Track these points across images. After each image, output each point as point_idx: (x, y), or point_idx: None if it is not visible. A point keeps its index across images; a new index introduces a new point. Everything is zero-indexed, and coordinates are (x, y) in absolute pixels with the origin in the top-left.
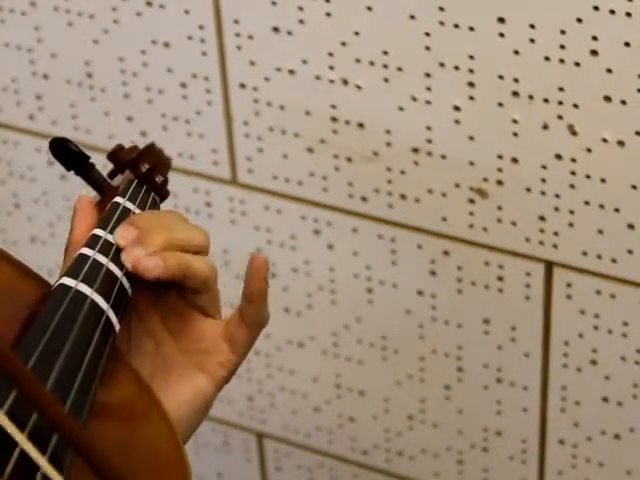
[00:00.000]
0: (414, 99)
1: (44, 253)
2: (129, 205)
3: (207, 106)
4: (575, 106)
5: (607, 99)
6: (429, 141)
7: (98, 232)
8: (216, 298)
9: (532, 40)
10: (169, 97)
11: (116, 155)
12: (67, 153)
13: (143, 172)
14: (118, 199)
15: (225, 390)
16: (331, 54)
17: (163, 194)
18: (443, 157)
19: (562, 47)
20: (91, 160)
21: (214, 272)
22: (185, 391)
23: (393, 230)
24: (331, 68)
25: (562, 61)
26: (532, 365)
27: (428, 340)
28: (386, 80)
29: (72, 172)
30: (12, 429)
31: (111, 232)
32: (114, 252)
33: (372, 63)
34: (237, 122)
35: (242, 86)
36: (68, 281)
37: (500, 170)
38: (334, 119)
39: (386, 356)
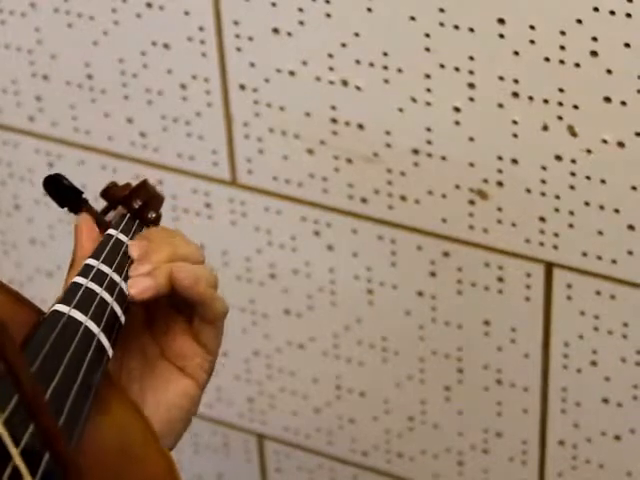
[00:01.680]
0: (414, 100)
1: (44, 255)
2: (122, 237)
3: (207, 107)
4: (575, 107)
5: (607, 100)
6: (429, 142)
7: (91, 262)
8: (210, 305)
9: (532, 41)
10: (169, 98)
11: (109, 192)
12: (60, 189)
13: (136, 209)
14: (111, 231)
15: (225, 391)
16: (331, 55)
17: None
18: (443, 158)
19: (562, 48)
20: (84, 195)
21: (204, 275)
22: (173, 395)
23: (393, 231)
24: (331, 69)
25: (562, 62)
26: (532, 366)
27: (428, 341)
28: (386, 81)
29: (65, 209)
30: (8, 441)
31: (104, 262)
32: (107, 281)
33: (372, 64)
34: (237, 123)
35: (242, 87)
36: (61, 307)
37: (500, 171)
38: (334, 120)
39: (386, 357)
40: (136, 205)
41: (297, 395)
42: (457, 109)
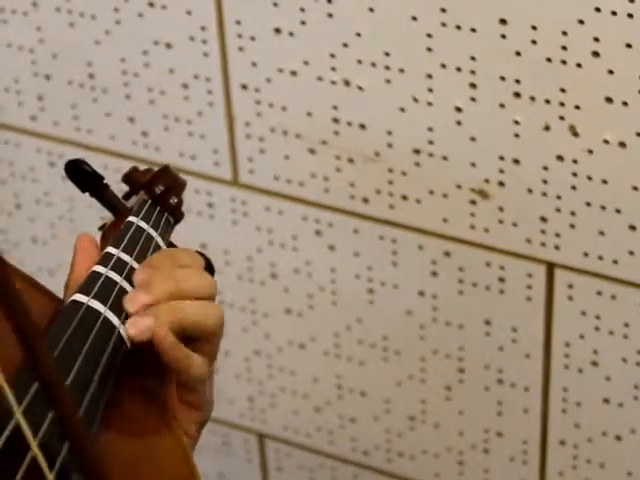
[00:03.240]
0: (415, 100)
1: (45, 254)
2: (142, 224)
3: (209, 107)
4: (577, 107)
5: (609, 100)
6: (430, 142)
7: (111, 250)
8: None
9: (534, 41)
10: (171, 98)
11: (131, 177)
12: (82, 174)
13: (157, 194)
14: (132, 218)
15: (226, 391)
16: (333, 55)
17: (177, 216)
18: (444, 158)
19: (564, 48)
20: (105, 181)
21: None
22: None
23: (394, 231)
24: (333, 69)
25: (564, 62)
26: (533, 366)
27: (429, 341)
28: (388, 81)
29: (87, 194)
30: (27, 431)
31: (124, 250)
32: (127, 270)
33: (374, 64)
34: (239, 123)
35: (244, 87)
36: (80, 297)
37: (501, 171)
38: (336, 120)
39: (387, 357)
40: (158, 190)
41: (298, 394)
42: (459, 109)
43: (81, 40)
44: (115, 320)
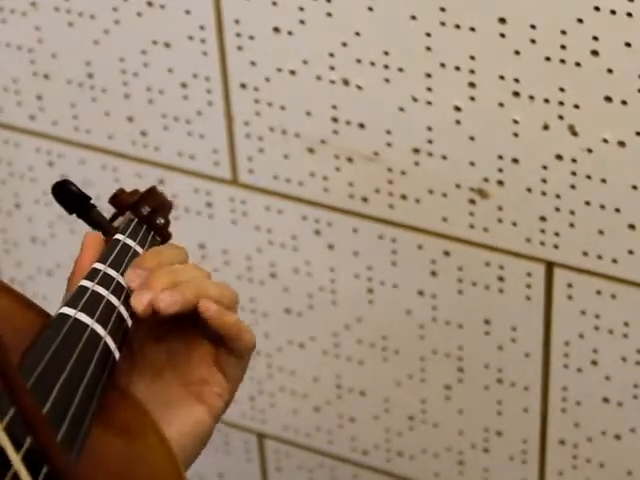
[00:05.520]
0: (415, 99)
1: (44, 253)
2: (129, 242)
3: (208, 106)
4: (576, 106)
5: (608, 99)
6: (430, 141)
7: (98, 266)
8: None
9: (533, 40)
10: (170, 97)
11: (117, 199)
12: (68, 195)
13: (144, 215)
14: (118, 236)
15: None
16: (332, 54)
17: (165, 236)
18: (444, 157)
19: (563, 47)
20: (92, 201)
21: (232, 297)
22: (184, 422)
23: (394, 230)
24: (332, 68)
25: (563, 61)
26: (533, 365)
27: (428, 340)
28: (387, 80)
29: (74, 215)
30: (9, 447)
31: (110, 266)
32: (114, 284)
33: (373, 63)
34: (238, 122)
35: (243, 86)
36: (67, 310)
37: (501, 170)
38: (335, 119)
39: (386, 356)
40: (144, 212)
41: (297, 394)
42: (458, 108)
43: (80, 40)
44: (101, 331)
